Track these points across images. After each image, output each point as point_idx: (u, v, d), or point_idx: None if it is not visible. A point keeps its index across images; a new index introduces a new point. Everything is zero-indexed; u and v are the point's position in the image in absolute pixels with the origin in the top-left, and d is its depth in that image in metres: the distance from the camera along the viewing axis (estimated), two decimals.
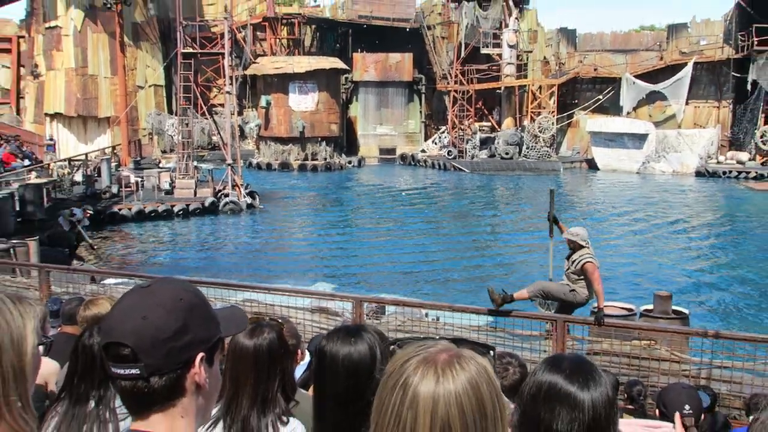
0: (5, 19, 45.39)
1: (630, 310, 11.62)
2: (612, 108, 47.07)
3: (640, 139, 44.79)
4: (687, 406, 3.53)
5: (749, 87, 42.74)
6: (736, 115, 44.88)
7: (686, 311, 11.77)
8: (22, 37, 45.01)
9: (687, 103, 45.39)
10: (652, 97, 46.05)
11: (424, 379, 1.24)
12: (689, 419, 3.48)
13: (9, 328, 1.65)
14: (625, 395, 7.03)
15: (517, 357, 3.75)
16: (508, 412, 1.35)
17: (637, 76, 46.18)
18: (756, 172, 40.93)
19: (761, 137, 42.54)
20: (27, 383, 1.68)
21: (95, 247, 22.66)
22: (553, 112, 47.21)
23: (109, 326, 1.50)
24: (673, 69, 45.31)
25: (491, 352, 1.82)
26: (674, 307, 11.28)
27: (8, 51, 46.19)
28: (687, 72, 44.50)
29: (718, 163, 43.51)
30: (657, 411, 3.70)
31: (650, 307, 11.31)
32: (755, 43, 40.94)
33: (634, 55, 48.21)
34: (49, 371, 4.08)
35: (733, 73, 43.88)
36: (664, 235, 28.28)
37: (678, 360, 8.52)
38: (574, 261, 8.94)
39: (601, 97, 47.36)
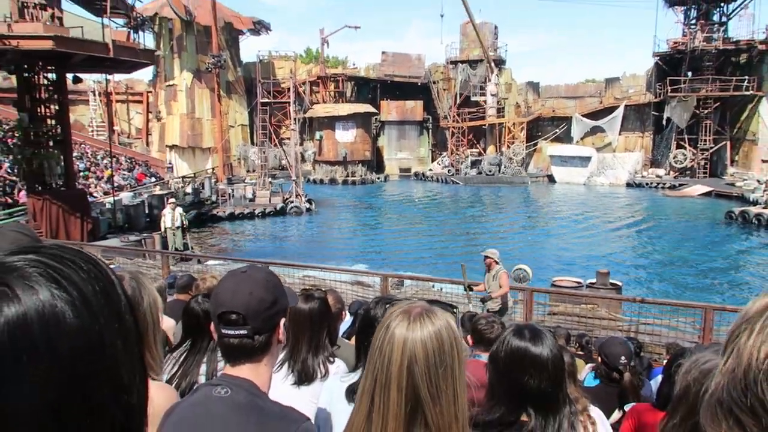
0: (138, 79, 45.94)
1: (579, 283, 11.51)
2: (565, 138, 46.85)
3: (585, 160, 44.49)
4: (623, 357, 3.49)
5: (664, 122, 42.42)
6: (655, 142, 44.48)
7: (620, 283, 11.64)
8: (150, 91, 45.54)
9: (620, 134, 45.03)
10: (595, 130, 45.72)
11: (399, 325, 1.27)
12: (624, 366, 3.44)
13: (151, 293, 1.72)
14: (577, 344, 6.97)
15: (499, 318, 3.71)
16: (466, 355, 1.39)
17: (584, 115, 45.91)
18: (670, 184, 40.50)
19: (674, 158, 42.21)
20: (160, 331, 1.75)
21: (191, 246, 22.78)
22: (523, 141, 47.08)
23: (223, 299, 1.53)
24: (609, 110, 45.01)
25: (455, 310, 1.81)
26: (611, 281, 11.15)
27: (140, 102, 46.82)
28: (619, 112, 44.25)
29: (643, 177, 43.06)
30: (599, 358, 3.65)
31: (594, 280, 11.20)
32: (669, 90, 40.68)
33: (581, 100, 47.81)
34: (168, 326, 4.11)
35: (653, 113, 43.58)
36: (604, 228, 27.99)
37: (614, 319, 8.43)
38: (494, 275, 8.55)
39: (557, 130, 47.20)
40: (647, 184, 41.69)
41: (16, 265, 0.60)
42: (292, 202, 30.50)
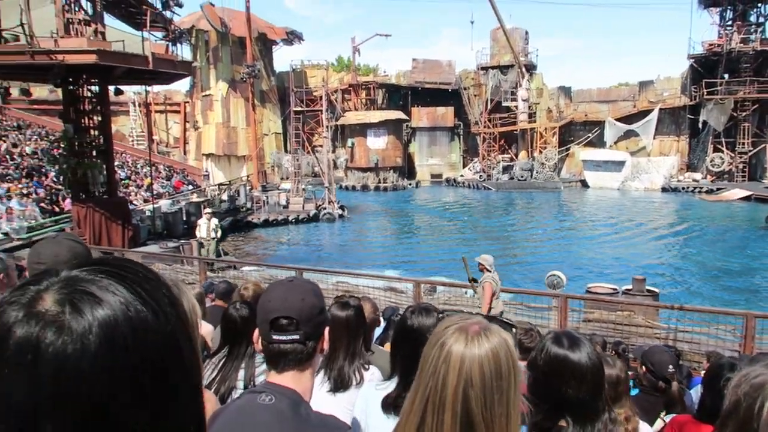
0: (176, 90, 46.97)
1: (614, 289, 11.25)
2: (598, 143, 46.11)
3: (619, 164, 43.74)
4: (671, 366, 3.39)
5: (700, 126, 41.37)
6: (691, 145, 43.47)
7: (657, 290, 11.34)
8: (187, 102, 46.52)
9: (654, 138, 44.13)
10: (628, 134, 44.89)
11: (456, 343, 1.20)
12: (672, 375, 3.34)
13: (190, 299, 1.75)
14: (612, 351, 6.80)
15: (536, 329, 3.64)
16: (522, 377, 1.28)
17: (617, 119, 45.12)
18: (707, 188, 39.46)
19: (711, 162, 41.16)
20: (198, 337, 1.76)
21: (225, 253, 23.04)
22: (555, 146, 46.56)
23: (276, 306, 1.54)
24: (643, 114, 44.17)
25: (514, 329, 1.77)
26: (648, 287, 10.88)
27: (178, 112, 47.85)
28: (654, 115, 43.38)
29: (679, 181, 42.08)
30: (643, 367, 3.54)
31: (630, 287, 10.94)
32: (704, 93, 39.80)
33: (614, 104, 47.04)
34: (207, 331, 4.16)
35: (688, 116, 42.60)
36: (640, 234, 27.37)
37: (651, 326, 8.21)
38: (480, 282, 8.19)
39: (590, 135, 46.49)
40: (684, 188, 40.70)
41: (92, 275, 0.64)
42: (324, 208, 30.66)
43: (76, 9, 15.92)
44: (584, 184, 45.55)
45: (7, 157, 25.22)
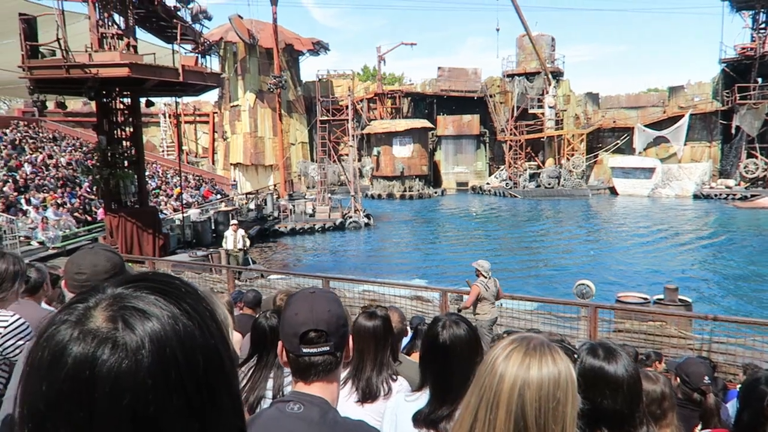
0: (205, 100, 47.74)
1: (645, 298, 11.03)
2: (627, 149, 45.43)
3: (649, 171, 43.02)
4: (706, 378, 3.30)
5: (733, 131, 40.45)
6: (723, 151, 42.52)
7: (690, 300, 11.08)
8: (216, 112, 47.26)
9: (685, 144, 43.30)
10: (658, 141, 44.15)
11: (516, 365, 1.16)
12: (707, 387, 3.25)
13: (222, 310, 1.77)
14: (643, 364, 6.67)
15: (563, 339, 3.55)
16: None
17: (647, 126, 44.44)
18: (741, 194, 38.51)
19: (744, 168, 40.20)
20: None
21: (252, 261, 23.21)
22: (583, 153, 46.00)
23: (304, 318, 1.54)
24: (673, 119, 43.42)
25: (576, 355, 1.75)
26: (680, 297, 10.65)
27: (207, 122, 48.64)
28: (685, 121, 42.58)
29: (711, 188, 41.15)
30: (677, 378, 3.45)
31: (661, 296, 10.72)
32: (737, 98, 38.96)
33: (643, 110, 46.33)
34: (236, 339, 4.21)
35: (720, 121, 41.76)
36: (671, 242, 26.81)
37: (684, 337, 8.02)
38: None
39: (619, 141, 45.86)
40: (716, 195, 39.80)
41: (137, 292, 0.67)
42: (350, 217, 30.77)
43: (110, 24, 16.35)
44: (613, 192, 44.90)
45: (43, 167, 25.95)
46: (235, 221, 18.81)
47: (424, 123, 47.01)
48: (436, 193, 47.92)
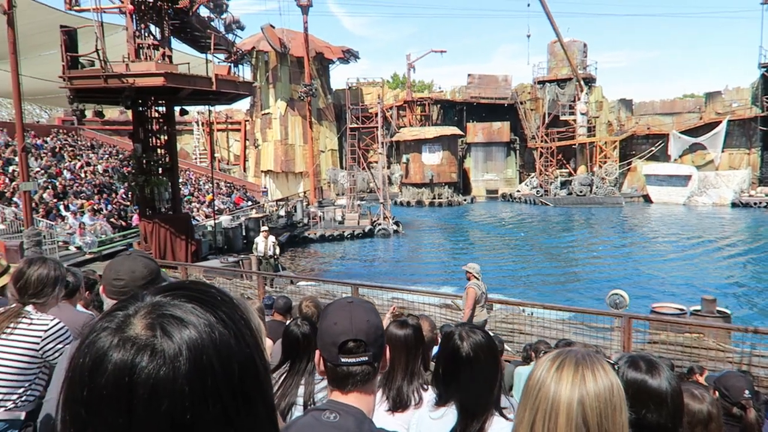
0: (237, 109, 48.48)
1: (681, 309, 10.76)
2: (662, 156, 44.56)
3: (685, 179, 42.09)
4: (747, 391, 3.19)
5: None
6: (763, 159, 41.32)
7: (728, 312, 10.76)
8: (247, 120, 47.96)
9: (723, 151, 42.25)
10: (694, 148, 43.21)
11: (570, 377, 1.16)
12: (748, 402, 3.14)
13: (255, 318, 1.78)
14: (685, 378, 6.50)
15: (598, 351, 3.47)
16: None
17: (683, 132, 43.54)
18: None
19: None
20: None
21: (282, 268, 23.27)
22: (615, 160, 45.32)
23: (343, 328, 1.55)
24: (710, 126, 42.44)
25: (616, 367, 1.72)
26: (718, 308, 10.35)
27: (239, 130, 49.37)
28: (722, 128, 41.58)
29: (750, 196, 40.01)
30: (716, 392, 3.34)
31: (698, 307, 10.44)
32: None
33: (678, 117, 45.41)
34: (267, 346, 4.24)
35: (760, 128, 40.61)
36: (708, 251, 26.11)
37: (723, 349, 7.78)
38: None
39: (653, 148, 45.01)
40: (756, 203, 38.69)
41: (175, 300, 0.69)
42: (380, 224, 30.82)
43: (146, 35, 16.77)
44: (647, 200, 44.07)
45: (81, 174, 26.67)
46: (265, 228, 18.82)
47: (453, 130, 46.91)
48: (465, 200, 47.69)
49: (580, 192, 44.40)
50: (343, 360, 1.53)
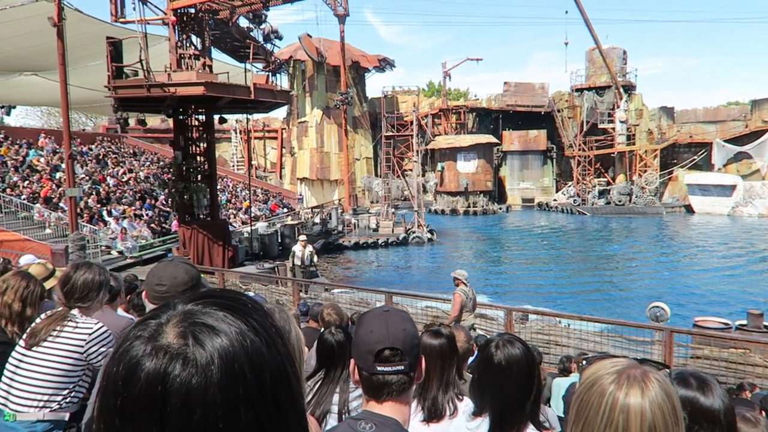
0: (274, 117, 49.21)
1: (726, 324, 10.39)
2: (705, 165, 43.35)
3: (729, 188, 40.82)
4: None
5: None
6: None
7: None
8: (284, 128, 48.64)
9: None
10: (739, 156, 41.88)
11: (631, 390, 1.14)
12: None
13: (295, 327, 1.80)
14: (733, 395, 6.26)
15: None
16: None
17: (726, 141, 42.27)
18: None
19: None
20: (303, 362, 1.82)
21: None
22: (656, 169, 44.23)
23: (380, 337, 1.54)
24: (756, 134, 41.10)
25: (667, 369, 1.67)
26: (766, 323, 9.96)
27: (275, 138, 50.10)
28: None
29: None
30: (762, 412, 3.22)
31: (744, 322, 10.07)
32: None
33: (722, 125, 44.13)
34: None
35: None
36: (754, 264, 25.20)
37: None
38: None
39: (696, 157, 43.83)
40: None
41: (207, 308, 0.69)
42: (414, 232, 30.77)
43: (188, 45, 17.21)
44: (689, 210, 42.89)
45: (124, 181, 27.45)
46: (303, 237, 18.34)
47: (489, 138, 46.61)
48: (500, 209, 47.25)
49: (619, 201, 43.52)
50: (378, 368, 1.52)
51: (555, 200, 47.73)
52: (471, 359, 4.41)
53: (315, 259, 17.40)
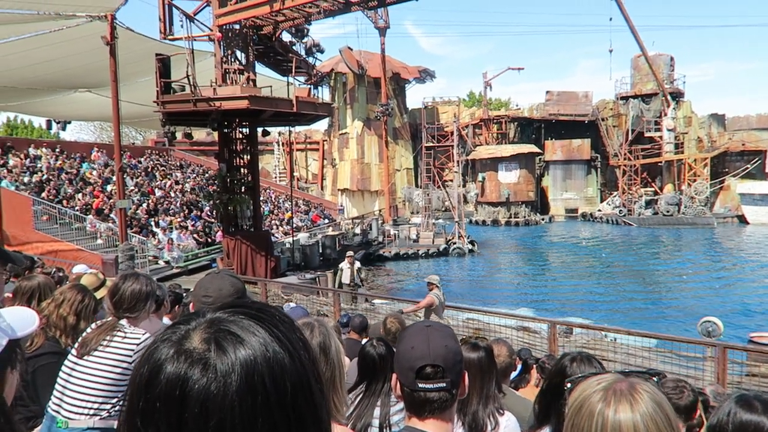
0: (316, 129, 49.80)
1: None
2: (758, 174, 41.65)
3: None
4: None
5: None
6: None
7: None
8: (325, 140, 49.22)
9: None
10: None
11: (620, 406, 1.09)
12: None
13: (335, 339, 1.81)
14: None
15: (687, 382, 3.24)
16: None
17: None
18: None
19: None
20: (344, 376, 1.83)
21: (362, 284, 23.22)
22: (706, 178, 42.76)
23: (421, 353, 1.52)
24: None
25: (656, 378, 1.61)
26: None
27: (317, 149, 50.74)
28: None
29: None
30: None
31: None
32: None
33: None
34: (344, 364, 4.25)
35: None
36: None
37: None
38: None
39: (749, 166, 42.20)
40: None
41: (234, 317, 0.70)
42: (454, 243, 30.56)
43: (232, 60, 17.65)
44: (742, 220, 41.29)
45: (171, 193, 28.23)
46: (351, 253, 17.29)
47: (531, 148, 46.05)
48: (543, 219, 46.52)
49: (667, 212, 42.26)
50: (420, 385, 1.50)
51: (600, 210, 46.70)
52: (514, 374, 4.33)
53: (362, 275, 16.81)
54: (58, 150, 27.14)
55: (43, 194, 21.19)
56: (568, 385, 1.55)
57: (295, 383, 0.68)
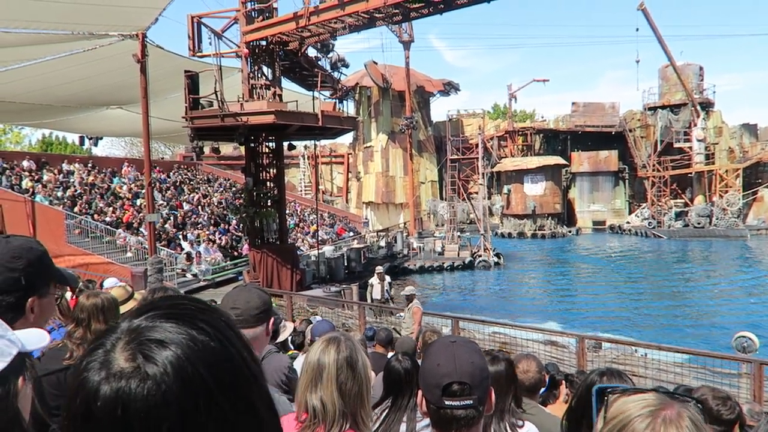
0: (341, 143, 50.16)
1: None
2: None
3: None
4: None
5: None
6: None
7: None
8: (350, 153, 49.52)
9: None
10: None
11: None
12: None
13: (363, 357, 1.81)
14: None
15: (732, 397, 3.10)
16: None
17: None
18: None
19: None
20: (371, 390, 1.83)
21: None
22: (738, 189, 41.82)
23: (447, 370, 1.51)
24: None
25: (699, 405, 1.56)
26: None
27: (342, 163, 51.05)
28: None
29: None
30: None
31: None
32: None
33: None
34: (370, 377, 4.24)
35: None
36: None
37: None
38: (409, 308, 10.05)
39: None
40: None
41: (151, 322, 0.69)
42: (480, 256, 30.35)
43: (259, 76, 17.92)
44: None
45: (199, 206, 28.66)
46: (380, 269, 17.37)
47: (557, 160, 45.65)
48: (570, 232, 45.96)
49: (698, 224, 41.38)
50: (447, 402, 1.48)
51: (628, 222, 45.96)
52: (543, 390, 4.25)
53: (391, 291, 16.79)
54: (90, 165, 27.81)
55: (76, 208, 21.69)
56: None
57: (231, 365, 0.68)
